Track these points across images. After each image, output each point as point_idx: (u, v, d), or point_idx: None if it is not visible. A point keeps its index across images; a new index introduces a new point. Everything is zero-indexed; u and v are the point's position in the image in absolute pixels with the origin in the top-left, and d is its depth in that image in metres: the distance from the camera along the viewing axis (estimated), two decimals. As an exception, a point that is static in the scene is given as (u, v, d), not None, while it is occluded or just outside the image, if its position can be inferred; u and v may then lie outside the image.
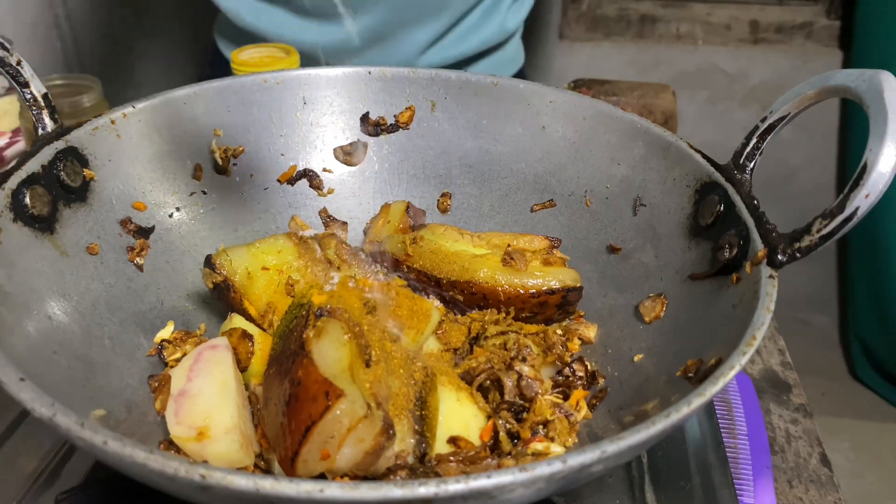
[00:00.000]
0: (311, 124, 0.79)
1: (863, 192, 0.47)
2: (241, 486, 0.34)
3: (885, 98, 0.48)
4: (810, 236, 0.50)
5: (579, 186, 0.73)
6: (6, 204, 0.56)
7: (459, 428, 0.54)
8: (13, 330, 0.50)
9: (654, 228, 0.66)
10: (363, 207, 0.80)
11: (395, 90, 0.79)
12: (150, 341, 0.63)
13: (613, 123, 0.71)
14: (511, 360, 0.59)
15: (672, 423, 0.40)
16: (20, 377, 0.41)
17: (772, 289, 0.49)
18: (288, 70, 0.78)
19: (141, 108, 0.69)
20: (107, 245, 0.64)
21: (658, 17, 2.05)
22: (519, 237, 0.67)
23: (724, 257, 0.56)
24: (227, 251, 0.65)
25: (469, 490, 0.35)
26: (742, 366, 0.44)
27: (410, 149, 0.80)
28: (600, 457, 0.37)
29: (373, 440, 0.47)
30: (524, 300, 0.64)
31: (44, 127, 0.63)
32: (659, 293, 0.62)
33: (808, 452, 0.73)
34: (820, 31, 1.99)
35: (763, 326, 0.46)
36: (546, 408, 0.55)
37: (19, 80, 0.62)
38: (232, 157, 0.75)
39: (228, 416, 0.52)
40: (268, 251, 0.66)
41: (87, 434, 0.37)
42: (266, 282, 0.64)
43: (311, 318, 0.54)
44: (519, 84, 0.76)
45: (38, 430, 0.64)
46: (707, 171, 0.61)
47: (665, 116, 1.02)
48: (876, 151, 0.46)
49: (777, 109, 0.57)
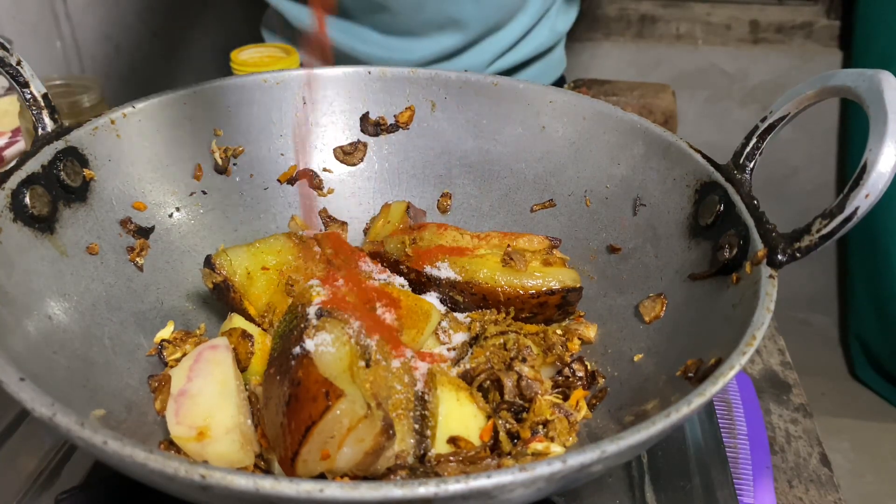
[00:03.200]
0: (311, 124, 0.79)
1: (863, 192, 0.47)
2: (241, 485, 0.34)
3: (885, 98, 0.48)
4: (810, 236, 0.50)
5: (579, 186, 0.73)
6: (6, 204, 0.56)
7: (459, 428, 0.54)
8: (13, 330, 0.50)
9: (654, 228, 0.66)
10: (363, 207, 0.80)
11: (395, 90, 0.79)
12: (150, 341, 0.63)
13: (613, 123, 0.71)
14: (511, 360, 0.59)
15: (672, 422, 0.40)
16: (20, 377, 0.41)
17: (772, 289, 0.49)
18: (288, 70, 0.78)
19: (141, 108, 0.69)
20: (107, 245, 0.64)
21: (658, 17, 2.05)
22: (519, 237, 0.67)
23: (724, 257, 0.56)
24: (226, 251, 0.65)
25: (469, 490, 0.35)
26: (742, 366, 0.44)
27: (410, 149, 0.80)
28: (600, 457, 0.37)
29: (373, 440, 0.47)
30: (524, 300, 0.63)
31: (44, 127, 0.63)
32: (659, 293, 0.62)
33: (808, 452, 0.73)
34: (820, 31, 1.99)
35: (763, 326, 0.46)
36: (546, 408, 0.55)
37: (19, 80, 0.62)
38: (232, 156, 0.75)
39: (228, 416, 0.52)
40: (268, 251, 0.66)
41: (87, 434, 0.37)
42: (266, 282, 0.64)
43: (312, 319, 0.54)
44: (519, 84, 0.76)
45: (38, 430, 0.64)
46: (707, 171, 0.61)
47: (665, 116, 1.02)
48: (876, 151, 0.46)
49: (777, 109, 0.57)
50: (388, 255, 0.69)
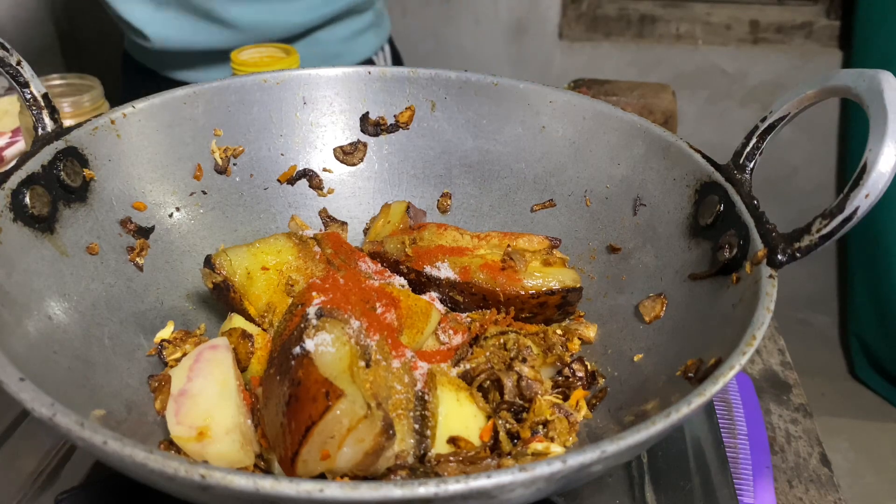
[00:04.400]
0: (311, 124, 0.79)
1: (863, 192, 0.47)
2: (241, 485, 0.34)
3: (884, 98, 0.48)
4: (810, 236, 0.50)
5: (579, 186, 0.73)
6: (6, 204, 0.56)
7: (459, 428, 0.54)
8: (13, 330, 0.50)
9: (654, 228, 0.66)
10: (363, 207, 0.80)
11: (395, 90, 0.79)
12: (150, 341, 0.63)
13: (613, 123, 0.71)
14: (511, 360, 0.59)
15: (672, 422, 0.40)
16: (20, 377, 0.41)
17: (772, 289, 0.49)
18: (288, 70, 0.78)
19: (141, 108, 0.69)
20: (107, 245, 0.64)
21: (658, 17, 2.05)
22: (519, 237, 0.67)
23: (724, 257, 0.56)
24: (226, 251, 0.65)
25: (469, 490, 0.35)
26: (742, 366, 0.44)
27: (410, 149, 0.80)
28: (600, 457, 0.37)
29: (373, 440, 0.47)
30: (524, 300, 0.63)
31: (44, 127, 0.63)
32: (659, 293, 0.62)
33: (808, 452, 0.73)
34: (820, 31, 1.99)
35: (763, 326, 0.46)
36: (546, 408, 0.55)
37: (19, 80, 0.62)
38: (232, 157, 0.75)
39: (229, 417, 0.52)
40: (268, 251, 0.65)
41: (87, 434, 0.37)
42: (266, 282, 0.64)
43: (312, 319, 0.54)
44: (519, 84, 0.76)
45: (38, 430, 0.64)
46: (707, 171, 0.61)
47: (665, 116, 1.02)
48: (876, 151, 0.47)
49: (777, 109, 0.57)
50: (388, 255, 0.69)
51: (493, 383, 0.58)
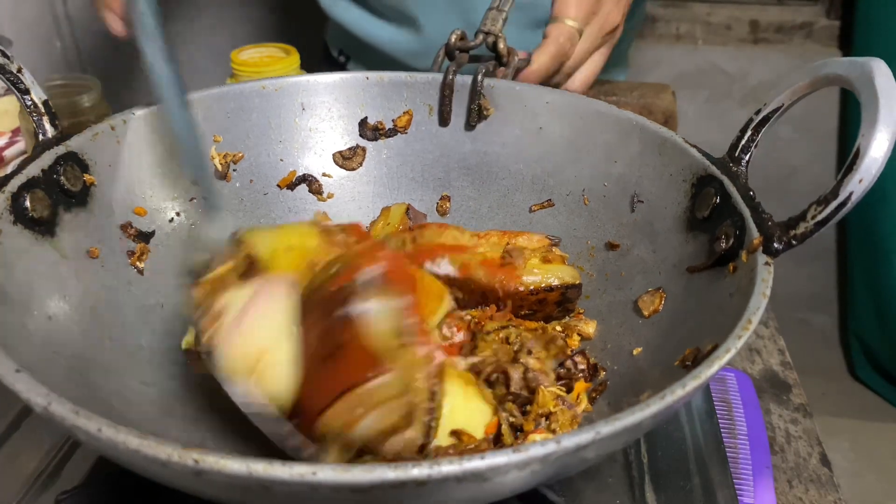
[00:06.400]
0: (310, 130, 0.79)
1: (856, 177, 0.47)
2: (234, 469, 0.34)
3: (875, 84, 0.48)
4: (805, 223, 0.50)
5: (577, 186, 0.73)
6: (6, 206, 0.56)
7: (464, 422, 0.53)
8: (13, 330, 0.50)
9: (652, 224, 0.66)
10: (363, 211, 0.80)
11: (393, 95, 0.79)
12: (151, 343, 0.63)
13: (609, 122, 0.71)
14: (516, 352, 0.59)
15: (667, 404, 0.40)
16: (16, 368, 0.41)
17: (768, 275, 0.49)
18: (286, 76, 0.79)
19: (141, 114, 0.70)
20: (107, 249, 0.64)
21: (658, 17, 2.05)
22: (518, 235, 0.67)
23: (721, 248, 0.56)
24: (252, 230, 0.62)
25: (462, 471, 0.35)
26: (738, 349, 0.44)
27: (409, 153, 0.80)
28: (595, 438, 0.37)
29: (393, 421, 0.47)
30: (523, 297, 0.63)
31: (44, 133, 0.63)
32: (657, 287, 0.62)
33: (808, 452, 0.73)
34: (820, 31, 1.99)
35: (759, 311, 0.46)
36: (549, 399, 0.55)
37: (20, 87, 0.62)
38: (231, 162, 0.76)
39: (283, 352, 0.51)
40: (293, 233, 0.63)
41: (83, 422, 0.37)
42: (289, 260, 0.61)
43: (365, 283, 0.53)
44: (515, 86, 0.76)
45: (38, 429, 0.64)
46: (702, 164, 0.62)
47: (665, 116, 1.02)
48: (868, 136, 0.47)
49: (771, 101, 0.58)
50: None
51: (499, 376, 0.57)
